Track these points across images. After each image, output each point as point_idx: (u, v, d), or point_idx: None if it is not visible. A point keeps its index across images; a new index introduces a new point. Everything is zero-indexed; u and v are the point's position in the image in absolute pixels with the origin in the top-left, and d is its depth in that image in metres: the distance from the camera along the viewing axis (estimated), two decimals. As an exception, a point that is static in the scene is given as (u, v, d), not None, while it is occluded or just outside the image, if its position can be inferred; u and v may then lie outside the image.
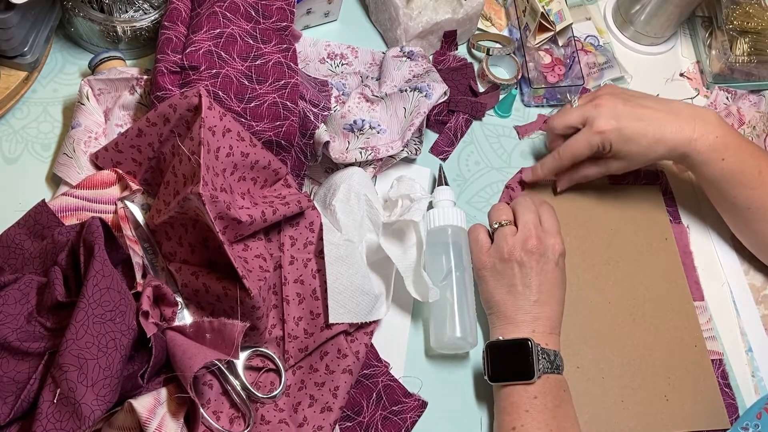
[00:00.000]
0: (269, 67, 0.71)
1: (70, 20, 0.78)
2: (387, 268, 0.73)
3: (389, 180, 0.79)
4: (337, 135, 0.76)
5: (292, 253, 0.69)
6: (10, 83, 0.74)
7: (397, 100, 0.78)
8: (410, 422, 0.68)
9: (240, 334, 0.60)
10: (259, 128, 0.69)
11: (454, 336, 0.70)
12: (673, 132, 0.75)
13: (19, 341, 0.57)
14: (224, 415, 0.64)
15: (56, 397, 0.54)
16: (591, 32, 1.00)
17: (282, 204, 0.67)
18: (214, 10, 0.71)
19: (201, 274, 0.64)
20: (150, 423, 0.57)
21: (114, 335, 0.56)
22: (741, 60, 0.95)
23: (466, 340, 0.71)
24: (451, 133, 0.87)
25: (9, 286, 0.59)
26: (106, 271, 0.57)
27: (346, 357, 0.66)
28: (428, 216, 0.76)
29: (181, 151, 0.62)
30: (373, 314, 0.69)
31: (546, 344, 0.68)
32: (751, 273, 0.87)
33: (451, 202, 0.78)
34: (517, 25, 0.94)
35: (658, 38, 1.01)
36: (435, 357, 0.74)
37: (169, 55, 0.69)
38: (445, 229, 0.75)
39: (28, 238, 0.64)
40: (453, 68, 0.90)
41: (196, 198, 0.59)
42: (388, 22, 0.89)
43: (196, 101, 0.64)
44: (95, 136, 0.71)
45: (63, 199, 0.67)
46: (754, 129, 0.95)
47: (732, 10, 0.97)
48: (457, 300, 0.72)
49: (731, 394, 0.78)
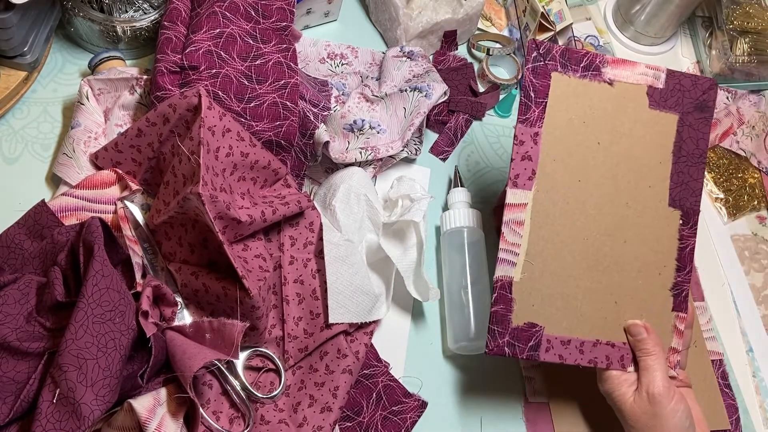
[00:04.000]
0: (269, 67, 0.71)
1: (70, 20, 0.78)
2: (387, 268, 0.73)
3: (389, 180, 0.79)
4: (337, 135, 0.76)
5: (291, 253, 0.69)
6: (10, 83, 0.74)
7: (397, 100, 0.78)
8: (410, 422, 0.68)
9: (240, 334, 0.60)
10: (259, 128, 0.69)
11: (470, 337, 0.71)
12: None
13: (19, 341, 0.57)
14: (224, 415, 0.64)
15: (56, 397, 0.54)
16: (591, 32, 1.00)
17: (282, 204, 0.67)
18: (213, 10, 0.71)
19: (201, 274, 0.64)
20: (149, 423, 0.56)
21: (113, 335, 0.56)
22: (741, 60, 0.95)
23: (483, 341, 0.71)
24: (451, 133, 0.87)
25: (9, 286, 0.59)
26: (105, 271, 0.57)
27: (346, 357, 0.66)
28: (444, 218, 0.77)
29: (180, 151, 0.62)
30: (373, 314, 0.69)
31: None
32: (752, 273, 0.87)
33: (467, 203, 0.78)
34: (517, 25, 0.94)
35: (658, 38, 1.01)
36: (435, 357, 0.74)
37: (168, 55, 0.69)
38: (461, 230, 0.76)
39: (27, 238, 0.64)
40: (453, 68, 0.90)
41: (196, 198, 0.59)
42: (388, 22, 0.89)
43: (196, 101, 0.64)
44: (95, 136, 0.71)
45: (63, 199, 0.67)
46: (754, 129, 0.95)
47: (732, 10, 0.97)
48: (473, 301, 0.72)
49: (731, 394, 0.78)
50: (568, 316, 0.64)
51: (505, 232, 0.63)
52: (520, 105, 0.65)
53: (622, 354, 0.64)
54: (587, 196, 0.65)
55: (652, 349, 0.62)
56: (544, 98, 0.65)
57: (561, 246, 0.64)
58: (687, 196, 0.67)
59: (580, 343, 0.64)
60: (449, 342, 0.73)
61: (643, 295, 0.65)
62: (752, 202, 0.91)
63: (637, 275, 0.65)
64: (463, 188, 0.80)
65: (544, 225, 0.64)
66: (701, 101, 0.67)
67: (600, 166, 0.66)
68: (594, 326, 0.64)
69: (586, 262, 0.64)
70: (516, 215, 0.64)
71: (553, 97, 0.65)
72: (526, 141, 0.64)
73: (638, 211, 0.66)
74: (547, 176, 0.65)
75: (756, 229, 0.91)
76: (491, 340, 0.62)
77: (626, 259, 0.65)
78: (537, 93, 0.65)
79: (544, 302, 0.64)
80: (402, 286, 0.71)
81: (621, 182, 0.66)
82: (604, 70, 0.66)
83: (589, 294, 0.64)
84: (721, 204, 0.91)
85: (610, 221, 0.65)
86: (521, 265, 0.63)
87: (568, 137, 0.65)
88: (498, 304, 0.63)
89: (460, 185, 0.80)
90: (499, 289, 0.63)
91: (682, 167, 0.67)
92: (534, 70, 0.65)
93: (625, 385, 0.63)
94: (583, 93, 0.66)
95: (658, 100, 0.67)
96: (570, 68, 0.66)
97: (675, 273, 0.66)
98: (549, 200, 0.64)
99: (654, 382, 0.61)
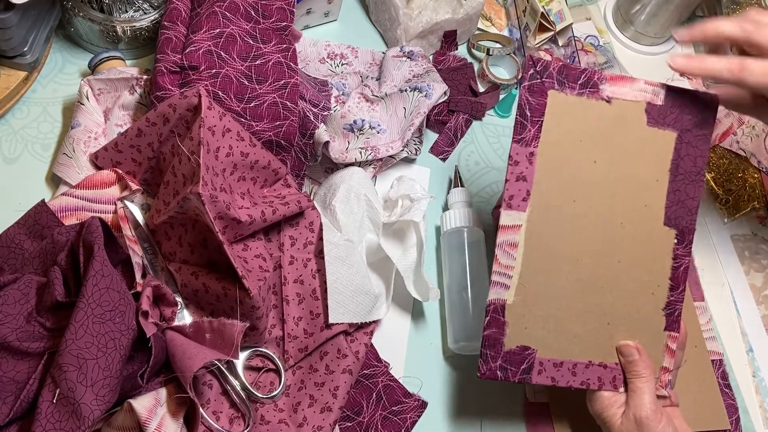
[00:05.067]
0: (269, 67, 0.71)
1: (70, 20, 0.78)
2: (387, 268, 0.73)
3: (389, 180, 0.79)
4: (337, 135, 0.76)
5: (291, 253, 0.69)
6: (10, 83, 0.74)
7: (397, 100, 0.78)
8: (410, 422, 0.68)
9: (240, 334, 0.60)
10: (258, 128, 0.69)
11: (470, 337, 0.71)
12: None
13: (19, 341, 0.57)
14: (224, 415, 0.64)
15: (56, 397, 0.54)
16: (591, 32, 1.00)
17: (282, 204, 0.67)
18: (213, 10, 0.71)
19: (200, 274, 0.64)
20: (149, 423, 0.56)
21: (113, 335, 0.56)
22: (741, 60, 0.95)
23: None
24: (451, 133, 0.87)
25: (9, 286, 0.59)
26: (105, 271, 0.57)
27: (346, 357, 0.66)
28: (444, 218, 0.77)
29: (180, 151, 0.62)
30: (373, 314, 0.69)
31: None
32: (752, 273, 0.87)
33: (467, 203, 0.78)
34: (517, 25, 0.94)
35: (658, 38, 1.01)
36: (435, 357, 0.74)
37: (168, 55, 0.69)
38: (461, 230, 0.76)
39: (27, 238, 0.64)
40: (453, 68, 0.90)
41: (196, 198, 0.59)
42: (388, 22, 0.89)
43: (196, 101, 0.64)
44: (95, 136, 0.71)
45: (63, 199, 0.67)
46: (754, 129, 0.95)
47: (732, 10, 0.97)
48: (473, 301, 0.72)
49: (731, 395, 0.78)
50: (561, 338, 0.63)
51: (498, 255, 0.62)
52: (516, 124, 0.63)
53: (614, 375, 0.64)
54: (582, 215, 0.64)
55: (642, 371, 0.62)
56: (540, 117, 0.64)
57: (555, 267, 0.63)
58: (683, 215, 0.65)
59: (572, 365, 0.63)
60: (449, 342, 0.73)
61: (635, 315, 0.64)
62: (752, 202, 0.91)
63: (630, 295, 0.64)
64: (463, 188, 0.80)
65: (539, 246, 0.63)
66: (701, 118, 0.65)
67: (596, 185, 0.64)
68: (586, 347, 0.64)
69: (580, 283, 0.63)
70: (510, 237, 0.63)
71: (550, 115, 0.64)
72: (521, 161, 0.63)
73: (633, 230, 0.64)
74: (542, 196, 0.63)
75: (756, 229, 0.91)
76: (483, 363, 0.62)
77: (620, 280, 0.64)
78: (533, 112, 0.63)
79: (536, 324, 0.63)
80: (402, 286, 0.71)
81: (617, 201, 0.64)
82: (602, 87, 0.64)
83: (582, 315, 0.63)
84: (721, 204, 0.91)
85: (604, 241, 0.64)
86: (515, 287, 0.62)
87: (564, 156, 0.64)
88: (490, 328, 0.62)
89: (460, 185, 0.80)
90: (492, 313, 0.62)
91: (678, 185, 0.65)
92: (530, 88, 0.63)
93: (614, 406, 0.63)
94: (581, 111, 0.64)
95: (656, 117, 0.65)
96: (567, 85, 0.64)
97: (668, 292, 0.65)
98: (543, 221, 0.63)
99: (642, 405, 0.61)
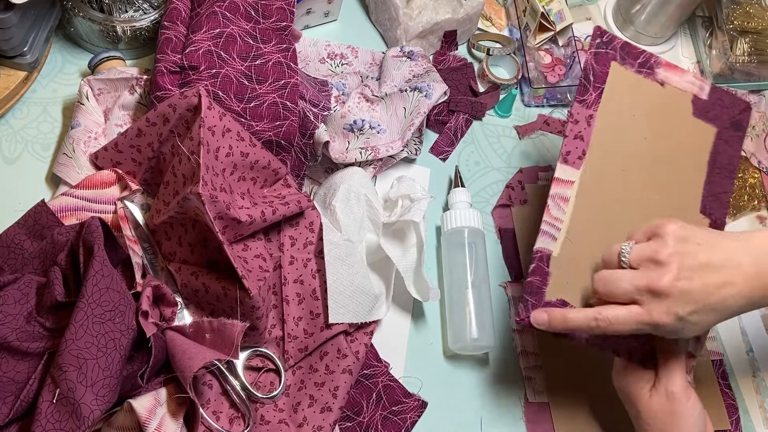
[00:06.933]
0: (269, 67, 0.71)
1: (70, 20, 0.78)
2: (387, 268, 0.73)
3: (389, 180, 0.79)
4: (337, 135, 0.76)
5: (291, 253, 0.69)
6: (10, 83, 0.74)
7: (397, 100, 0.78)
8: (410, 422, 0.68)
9: (240, 334, 0.60)
10: (259, 128, 0.69)
11: (471, 338, 0.71)
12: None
13: (19, 341, 0.57)
14: (224, 415, 0.64)
15: (55, 397, 0.54)
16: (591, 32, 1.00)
17: (282, 204, 0.67)
18: (213, 10, 0.71)
19: (200, 274, 0.64)
20: (149, 423, 0.57)
21: (113, 335, 0.56)
22: (741, 60, 0.95)
23: (484, 342, 0.71)
24: (451, 133, 0.87)
25: (9, 286, 0.59)
26: (105, 271, 0.57)
27: (346, 357, 0.66)
28: (444, 218, 0.77)
29: (180, 151, 0.62)
30: (373, 314, 0.69)
31: None
32: (752, 273, 0.87)
33: (467, 203, 0.78)
34: (517, 25, 0.94)
35: (658, 38, 1.01)
36: (435, 357, 0.74)
37: (168, 55, 0.69)
38: (461, 230, 0.76)
39: (27, 238, 0.64)
40: (453, 68, 0.90)
41: (196, 198, 0.59)
42: (388, 22, 0.89)
43: (196, 101, 0.64)
44: (95, 136, 0.71)
45: (63, 199, 0.67)
46: (754, 129, 0.95)
47: (732, 10, 0.97)
48: (474, 301, 0.72)
49: (731, 395, 0.78)
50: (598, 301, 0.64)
51: (550, 205, 0.64)
52: (579, 86, 0.67)
53: (644, 350, 0.64)
54: (628, 187, 0.66)
55: (674, 348, 0.62)
56: (601, 84, 0.67)
57: (599, 231, 0.64)
58: (717, 207, 0.67)
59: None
60: (449, 342, 0.73)
61: None
62: (752, 202, 0.91)
63: None
64: (463, 188, 0.80)
65: (587, 207, 0.65)
66: (737, 120, 0.69)
67: (643, 160, 0.67)
68: None
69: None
70: (563, 191, 0.64)
71: (610, 85, 0.67)
72: (581, 121, 0.66)
73: (671, 212, 0.66)
74: (595, 159, 0.66)
75: (756, 229, 0.91)
76: (524, 309, 0.62)
77: None
78: (596, 77, 0.67)
79: (577, 282, 0.63)
80: (402, 286, 0.71)
81: (659, 180, 0.67)
82: (657, 71, 0.68)
83: None
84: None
85: (643, 217, 0.64)
86: (561, 241, 0.64)
87: (618, 127, 0.67)
88: (534, 275, 0.62)
89: (460, 185, 0.80)
90: (537, 261, 0.63)
91: (715, 177, 0.68)
92: (596, 55, 0.67)
93: (642, 380, 0.63)
94: (637, 87, 0.68)
95: (701, 110, 0.69)
96: (628, 62, 0.68)
97: None
98: (595, 183, 0.65)
99: (674, 380, 0.61)
